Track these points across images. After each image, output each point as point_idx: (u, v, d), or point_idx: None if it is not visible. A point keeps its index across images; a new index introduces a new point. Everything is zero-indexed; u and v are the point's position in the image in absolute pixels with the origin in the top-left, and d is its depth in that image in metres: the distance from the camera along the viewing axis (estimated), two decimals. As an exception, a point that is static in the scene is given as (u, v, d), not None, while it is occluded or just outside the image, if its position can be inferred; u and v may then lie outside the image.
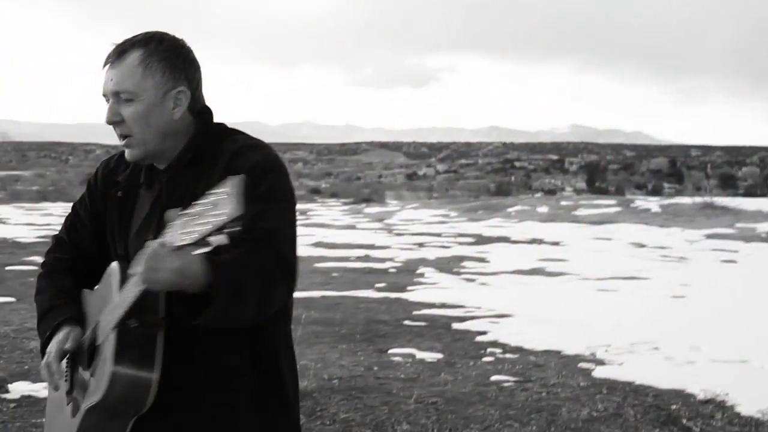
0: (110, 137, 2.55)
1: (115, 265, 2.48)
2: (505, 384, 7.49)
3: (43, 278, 2.76)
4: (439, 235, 25.86)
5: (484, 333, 9.92)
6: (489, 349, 9.01)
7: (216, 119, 2.65)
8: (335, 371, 7.85)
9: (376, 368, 8.04)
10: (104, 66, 2.53)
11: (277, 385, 2.66)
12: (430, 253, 19.97)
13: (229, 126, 2.69)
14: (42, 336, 2.62)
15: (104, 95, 2.53)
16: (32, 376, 7.39)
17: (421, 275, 15.86)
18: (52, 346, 2.54)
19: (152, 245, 2.16)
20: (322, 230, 27.11)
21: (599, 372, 7.94)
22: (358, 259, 18.58)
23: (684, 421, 6.47)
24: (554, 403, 6.88)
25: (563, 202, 36.91)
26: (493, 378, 7.69)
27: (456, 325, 10.43)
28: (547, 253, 20.09)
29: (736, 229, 24.53)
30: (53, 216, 33.34)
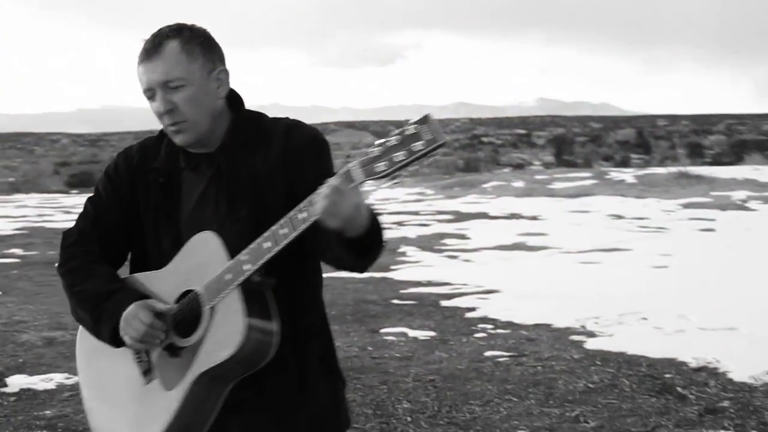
0: (76, 127, 2.55)
1: (208, 234, 2.55)
2: (500, 359, 7.57)
3: (82, 268, 2.70)
4: (417, 213, 25.88)
5: (473, 309, 10.01)
6: (480, 325, 9.09)
7: None
8: (331, 352, 7.89)
9: (370, 348, 8.11)
10: (141, 62, 2.58)
11: (333, 351, 2.80)
12: (411, 232, 20.02)
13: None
14: (110, 318, 2.58)
15: (148, 89, 2.59)
16: (28, 369, 7.42)
17: (404, 254, 15.91)
18: (139, 316, 2.52)
19: (331, 182, 2.28)
20: (300, 212, 27.04)
21: (591, 344, 8.04)
22: (339, 240, 18.55)
23: (679, 389, 6.57)
24: (550, 376, 6.97)
25: (538, 176, 37.04)
26: (488, 353, 7.77)
27: (445, 303, 10.52)
28: (527, 227, 20.21)
29: (711, 197, 24.75)
30: (28, 207, 33.21)
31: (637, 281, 11.67)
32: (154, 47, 2.56)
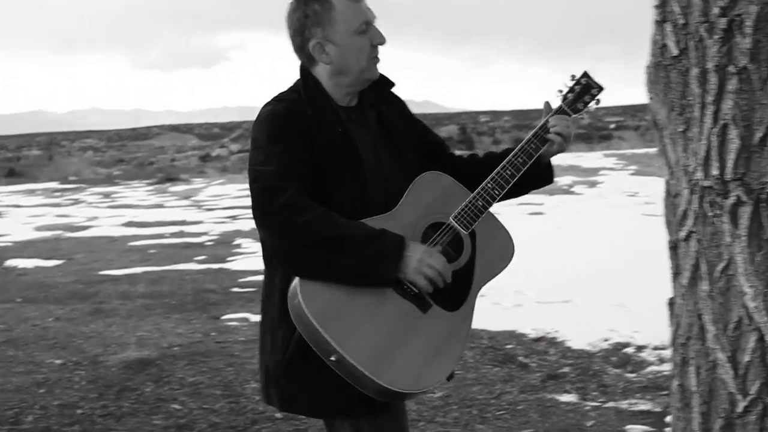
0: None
1: (437, 174, 2.95)
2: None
3: (325, 215, 2.67)
4: (249, 207, 25.61)
5: (313, 293, 10.01)
6: (322, 308, 9.11)
7: None
8: (174, 339, 7.79)
9: (214, 334, 8.04)
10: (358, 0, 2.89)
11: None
12: (245, 225, 19.88)
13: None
14: (392, 256, 2.66)
15: (366, 23, 2.88)
16: None
17: (239, 246, 15.80)
18: (433, 257, 2.70)
19: (557, 118, 3.04)
20: (131, 210, 26.53)
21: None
22: (173, 235, 18.30)
23: (521, 358, 6.77)
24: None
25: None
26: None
27: (285, 289, 10.48)
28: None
29: (538, 184, 25.43)
30: None
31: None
32: None
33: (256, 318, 8.59)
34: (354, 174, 2.82)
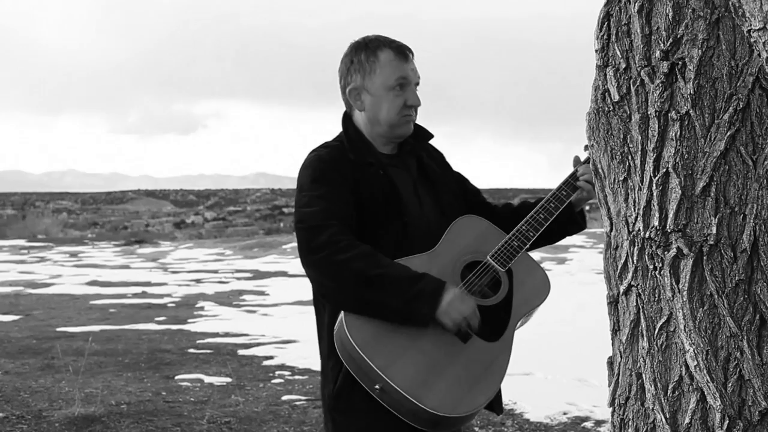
0: None
1: (474, 217, 3.11)
2: (297, 402, 7.45)
3: (369, 254, 2.78)
4: (216, 271, 25.51)
5: (271, 358, 9.87)
6: (278, 372, 8.95)
7: None
8: (123, 397, 7.58)
9: (164, 393, 7.83)
10: (403, 57, 3.03)
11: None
12: (209, 288, 19.72)
13: None
14: (429, 298, 2.75)
15: (404, 78, 3.01)
16: None
17: (201, 308, 15.63)
18: (464, 302, 2.79)
19: (586, 167, 3.10)
20: (96, 270, 26.29)
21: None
22: (135, 295, 18.11)
23: (477, 429, 6.62)
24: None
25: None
26: (285, 398, 7.64)
27: (242, 351, 10.33)
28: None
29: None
30: None
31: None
32: (409, 51, 3.05)
33: (210, 379, 8.44)
34: (395, 214, 2.96)
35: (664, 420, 2.23)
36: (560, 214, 3.14)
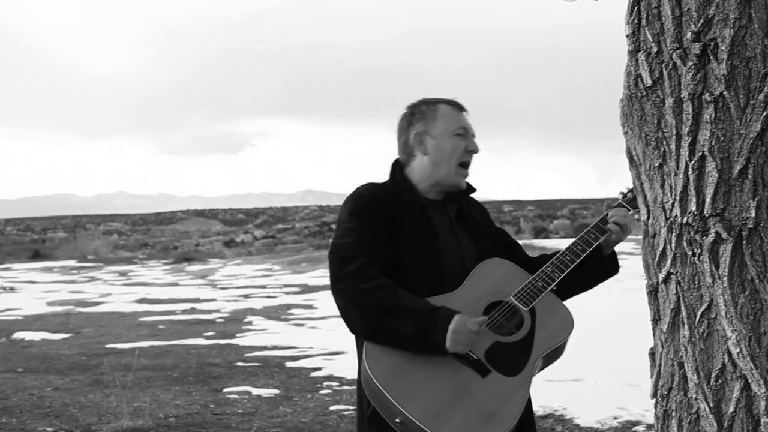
0: None
1: (499, 260, 3.16)
2: (345, 412, 7.44)
3: (389, 286, 2.89)
4: (264, 287, 25.59)
5: (319, 369, 9.85)
6: (326, 383, 8.94)
7: (23, 193, 2.77)
8: (171, 410, 7.62)
9: (212, 405, 7.86)
10: (460, 110, 3.20)
11: None
12: (257, 303, 19.78)
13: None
14: (442, 326, 2.82)
15: (464, 129, 3.17)
16: None
17: (250, 323, 15.67)
18: (468, 325, 2.82)
19: (621, 213, 3.18)
20: (145, 288, 26.48)
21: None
22: (184, 311, 18.21)
23: (525, 433, 6.55)
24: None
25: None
26: (333, 408, 7.62)
27: (290, 364, 10.33)
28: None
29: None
30: None
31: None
32: (463, 107, 3.21)
33: (258, 391, 8.46)
34: (430, 248, 3.04)
35: (708, 409, 2.19)
36: (590, 260, 3.21)
